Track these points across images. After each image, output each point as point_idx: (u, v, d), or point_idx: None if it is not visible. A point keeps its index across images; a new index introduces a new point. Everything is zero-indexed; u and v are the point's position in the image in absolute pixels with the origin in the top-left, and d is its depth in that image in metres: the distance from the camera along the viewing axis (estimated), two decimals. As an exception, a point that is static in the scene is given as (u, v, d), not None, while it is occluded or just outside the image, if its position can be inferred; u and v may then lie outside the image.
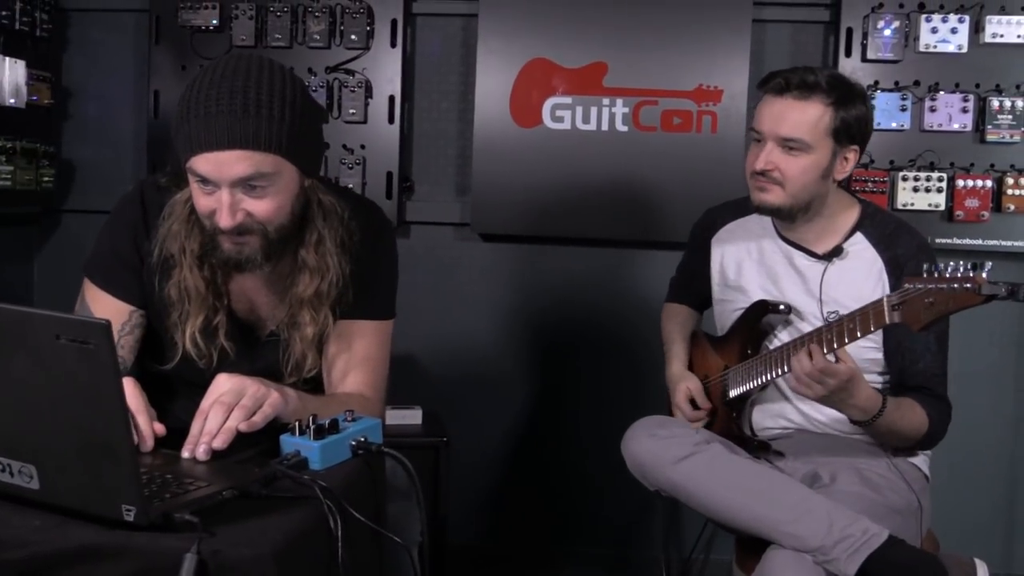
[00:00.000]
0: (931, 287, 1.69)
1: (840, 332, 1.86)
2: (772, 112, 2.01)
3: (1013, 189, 2.90)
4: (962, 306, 1.66)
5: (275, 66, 1.63)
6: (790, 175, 2.01)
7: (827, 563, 1.78)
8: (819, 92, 1.98)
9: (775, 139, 2.01)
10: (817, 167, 2.01)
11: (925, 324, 1.71)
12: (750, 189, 2.09)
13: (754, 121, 2.08)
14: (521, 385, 3.23)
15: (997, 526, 3.12)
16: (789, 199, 2.03)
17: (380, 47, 3.05)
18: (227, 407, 1.48)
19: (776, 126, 2.00)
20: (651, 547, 3.21)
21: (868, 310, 1.83)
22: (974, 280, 1.63)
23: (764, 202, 2.06)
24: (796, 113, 1.99)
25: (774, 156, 2.01)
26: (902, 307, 1.75)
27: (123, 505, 1.15)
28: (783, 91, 2.00)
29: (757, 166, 2.03)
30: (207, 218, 1.64)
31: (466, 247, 3.18)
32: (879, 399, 1.90)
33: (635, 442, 2.02)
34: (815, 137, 1.99)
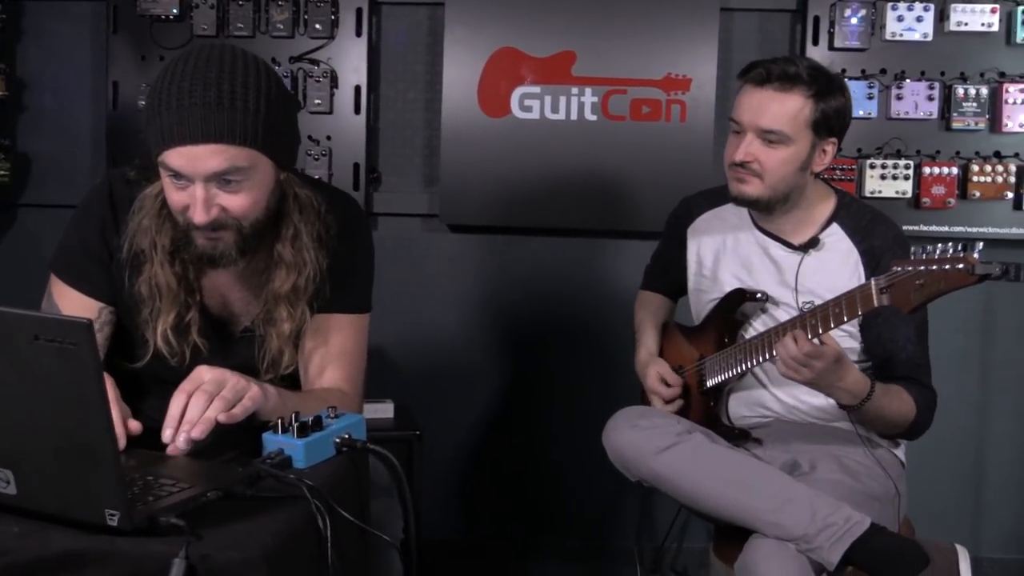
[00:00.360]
0: (921, 269, 1.68)
1: (825, 316, 1.86)
2: (752, 103, 2.00)
3: (978, 176, 2.93)
4: (954, 286, 1.65)
5: (249, 56, 1.59)
6: (769, 167, 2.00)
7: (810, 551, 1.78)
8: (800, 84, 1.97)
9: (755, 130, 1.99)
10: (796, 159, 2.00)
11: (915, 306, 1.71)
12: (728, 180, 2.08)
13: (733, 111, 2.06)
14: (492, 377, 3.21)
15: (965, 510, 3.16)
16: (768, 191, 2.02)
17: (345, 36, 3.00)
18: (208, 396, 1.45)
19: (756, 117, 1.99)
20: (623, 536, 3.21)
21: (855, 293, 1.82)
22: (966, 260, 1.62)
23: (743, 194, 2.05)
24: (776, 105, 1.97)
25: (753, 148, 2.00)
26: (890, 290, 1.75)
27: (106, 509, 1.12)
28: (764, 82, 1.98)
29: (736, 157, 2.01)
30: (180, 213, 1.60)
31: (434, 238, 3.15)
32: (867, 382, 1.90)
33: (616, 433, 2.00)
34: (795, 129, 1.98)
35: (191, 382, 1.48)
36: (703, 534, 3.17)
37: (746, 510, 1.84)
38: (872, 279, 1.79)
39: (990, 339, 3.10)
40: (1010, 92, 2.91)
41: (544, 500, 3.22)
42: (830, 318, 1.85)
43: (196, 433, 1.41)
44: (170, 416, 1.44)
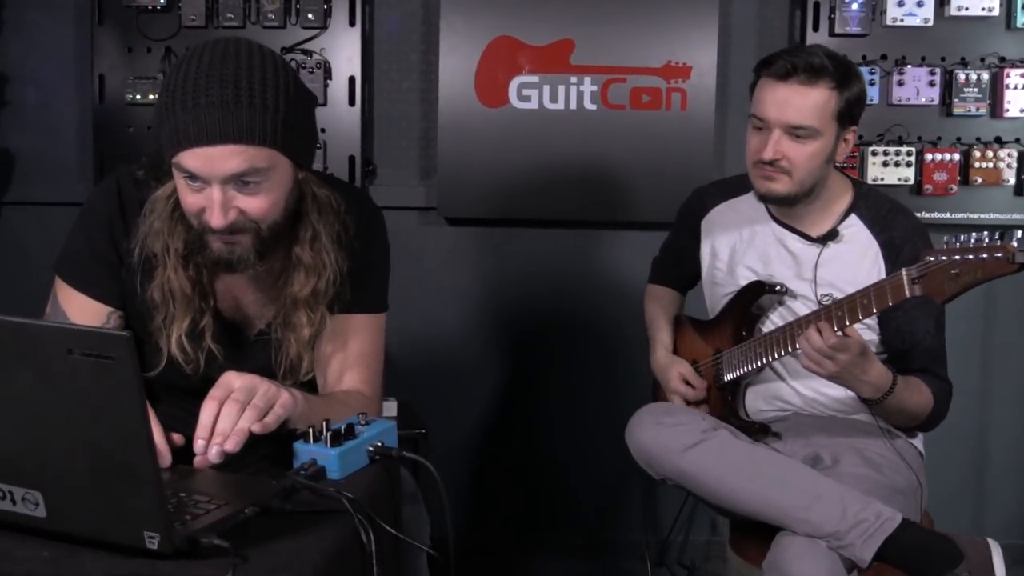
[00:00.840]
0: (956, 258, 1.65)
1: (852, 308, 1.82)
2: (777, 98, 1.95)
3: (980, 162, 2.91)
4: (991, 275, 1.62)
5: (265, 51, 1.52)
6: (798, 163, 1.96)
7: (842, 548, 1.75)
8: (825, 75, 1.92)
9: (782, 127, 1.95)
10: (824, 152, 1.97)
11: (949, 296, 1.68)
12: (753, 177, 2.03)
13: (754, 107, 2.00)
14: (492, 372, 3.16)
15: (966, 496, 3.17)
16: (796, 187, 1.99)
17: (338, 26, 2.93)
18: (240, 405, 1.38)
19: (783, 113, 1.94)
20: (627, 530, 3.18)
21: (884, 284, 1.79)
22: (1005, 248, 1.59)
23: (772, 191, 2.00)
24: (803, 99, 1.93)
25: (782, 145, 1.95)
26: (923, 280, 1.71)
27: (145, 532, 1.06)
28: (788, 76, 1.93)
29: (766, 156, 1.96)
30: (195, 216, 1.53)
31: (432, 232, 3.09)
32: (890, 375, 1.87)
33: (641, 431, 1.96)
34: (823, 123, 1.94)
35: (221, 389, 1.41)
36: (707, 526, 3.16)
37: (776, 507, 1.81)
38: (903, 269, 1.75)
39: (991, 325, 3.09)
40: (1011, 77, 2.89)
41: (547, 495, 3.18)
42: (857, 309, 1.81)
43: (230, 446, 1.34)
44: (201, 425, 1.37)
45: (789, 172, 1.97)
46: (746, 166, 2.06)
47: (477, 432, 3.17)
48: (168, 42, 2.91)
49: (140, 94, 2.90)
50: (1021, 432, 3.15)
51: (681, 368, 2.21)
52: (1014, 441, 3.15)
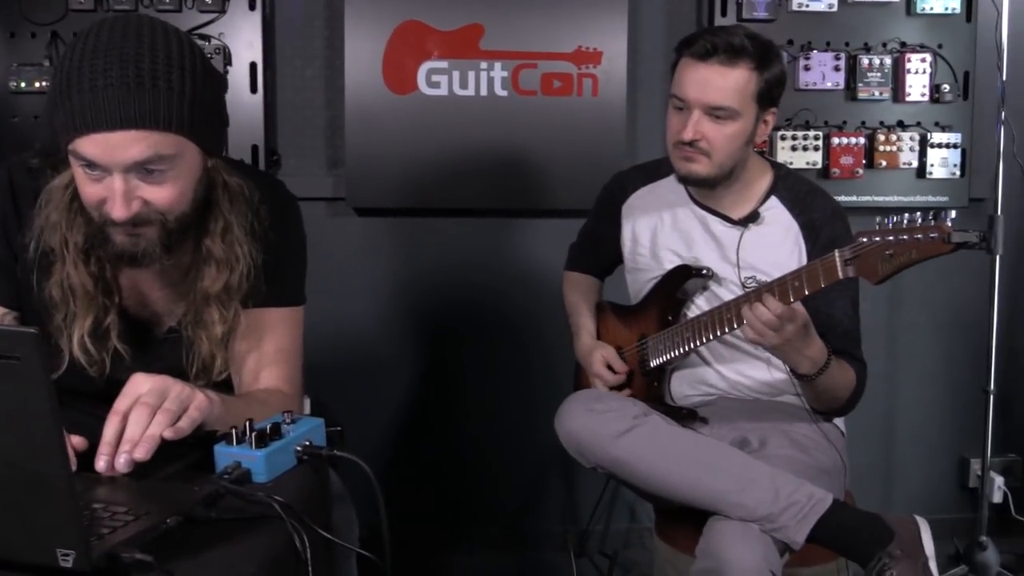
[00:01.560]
0: (890, 239, 1.65)
1: (784, 290, 1.81)
2: (697, 79, 1.93)
3: (884, 145, 2.97)
4: (926, 256, 1.62)
5: (170, 29, 1.41)
6: (717, 144, 1.95)
7: (775, 531, 1.75)
8: (745, 56, 1.91)
9: (701, 107, 1.93)
10: (743, 133, 1.96)
11: (884, 276, 1.68)
12: (673, 159, 2.01)
13: (675, 87, 1.98)
14: (406, 366, 3.09)
15: (875, 475, 3.23)
16: (716, 168, 1.97)
17: (237, 10, 2.80)
18: (149, 410, 1.28)
19: (703, 94, 1.92)
20: (547, 521, 3.15)
21: (817, 265, 1.78)
22: (940, 228, 1.60)
23: (692, 172, 1.98)
24: (723, 79, 1.91)
25: (701, 125, 1.94)
26: (856, 261, 1.71)
27: (58, 549, 0.96)
28: (708, 56, 1.91)
29: (685, 136, 1.94)
30: (95, 208, 1.42)
31: (340, 223, 2.99)
32: (826, 350, 1.87)
33: (571, 418, 1.91)
34: (743, 103, 1.93)
35: (127, 397, 1.30)
36: (627, 515, 3.15)
37: (709, 492, 1.79)
38: (836, 250, 1.75)
39: (895, 306, 3.16)
40: (911, 61, 2.95)
41: (466, 489, 3.12)
42: (789, 292, 1.80)
43: (139, 454, 1.24)
44: (104, 442, 1.26)
45: (708, 153, 1.95)
46: (666, 147, 2.04)
47: (393, 428, 3.09)
48: (54, 26, 2.74)
49: (25, 82, 2.72)
50: (926, 410, 3.23)
51: (604, 352, 2.18)
52: (920, 419, 3.23)
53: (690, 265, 2.06)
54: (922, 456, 3.25)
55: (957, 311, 3.17)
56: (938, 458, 3.26)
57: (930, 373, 3.21)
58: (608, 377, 2.15)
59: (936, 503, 3.21)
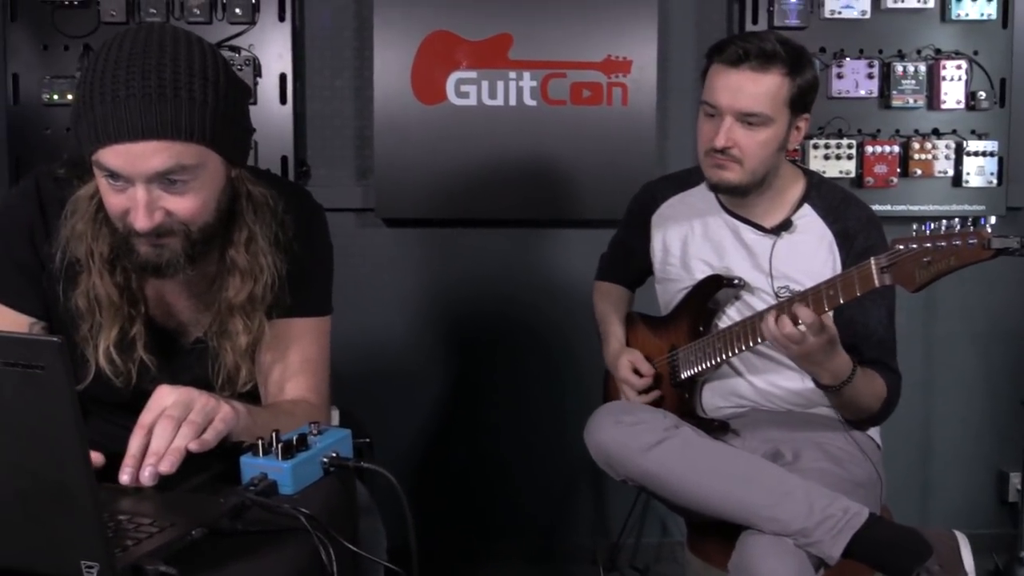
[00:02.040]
0: (927, 246, 1.62)
1: (818, 299, 1.78)
2: (729, 85, 1.90)
3: (919, 154, 2.92)
4: (965, 263, 1.59)
5: (193, 39, 1.40)
6: (750, 151, 1.92)
7: (809, 546, 1.71)
8: (778, 61, 1.89)
9: (734, 113, 1.90)
10: (776, 140, 1.93)
11: (922, 284, 1.65)
12: (704, 167, 1.99)
13: (706, 93, 1.96)
14: (435, 377, 3.07)
15: (912, 489, 3.17)
16: (748, 175, 1.95)
17: (267, 21, 2.81)
18: (174, 422, 1.27)
19: (735, 100, 1.90)
20: (577, 535, 3.12)
21: (852, 274, 1.75)
22: (979, 234, 1.56)
23: (724, 180, 1.96)
24: (755, 85, 1.89)
25: (734, 132, 1.91)
26: (892, 269, 1.68)
27: (83, 561, 0.95)
28: (740, 62, 1.89)
29: (718, 143, 1.91)
30: (119, 219, 1.41)
31: (370, 234, 2.98)
32: (850, 365, 1.84)
33: (600, 431, 1.89)
34: (775, 109, 1.91)
35: (151, 411, 1.29)
36: (658, 528, 3.11)
37: (741, 506, 1.76)
38: (872, 258, 1.71)
39: (932, 316, 3.10)
40: (947, 68, 2.90)
41: (495, 502, 3.10)
42: (823, 300, 1.77)
43: (164, 467, 1.23)
44: (129, 455, 1.25)
45: (740, 160, 1.93)
46: (697, 155, 2.01)
47: (422, 440, 3.07)
48: (86, 39, 2.76)
49: (57, 94, 2.74)
50: (964, 422, 3.17)
51: (631, 356, 2.15)
52: (958, 432, 3.17)
53: (721, 275, 2.03)
54: (960, 469, 3.19)
55: (995, 320, 3.11)
56: (976, 471, 3.19)
57: (968, 384, 3.15)
58: (635, 381, 2.12)
59: (975, 518, 3.14)
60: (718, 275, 2.04)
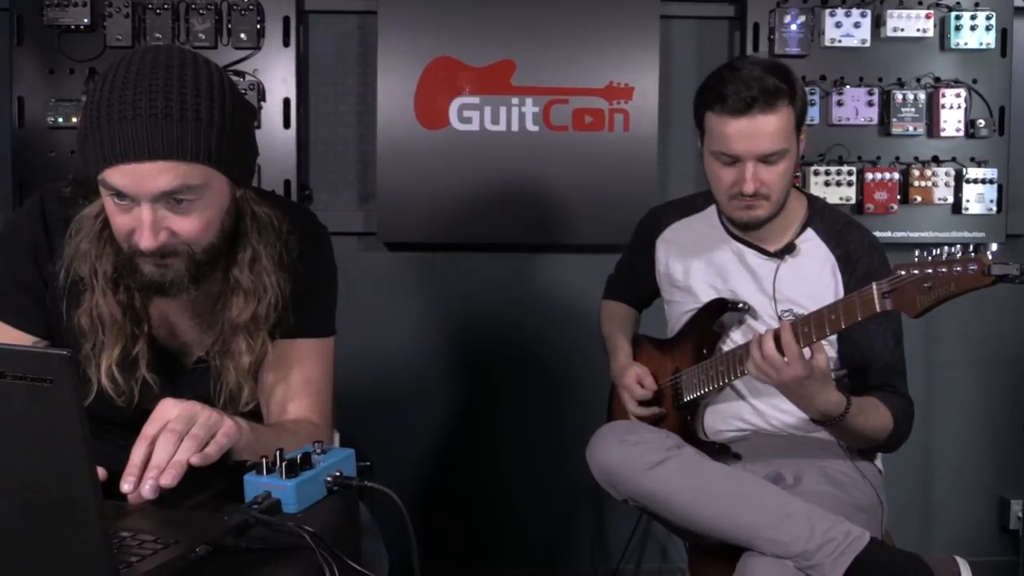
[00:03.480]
0: (928, 272, 1.63)
1: (820, 323, 1.79)
2: (744, 133, 1.89)
3: (919, 180, 2.94)
4: (965, 289, 1.60)
5: (200, 60, 1.42)
6: (775, 185, 1.94)
7: (810, 569, 1.71)
8: (782, 95, 1.89)
9: (754, 158, 1.91)
10: (793, 164, 1.96)
11: (923, 309, 1.65)
12: (730, 209, 1.99)
13: (717, 144, 1.93)
14: (436, 402, 3.07)
15: (912, 515, 3.17)
16: (775, 207, 1.97)
17: (272, 46, 2.84)
18: (177, 436, 1.28)
19: (753, 146, 1.89)
20: (576, 561, 3.11)
21: (854, 298, 1.76)
22: (979, 261, 1.57)
23: (755, 218, 1.97)
24: (769, 126, 1.89)
25: (760, 174, 1.92)
26: (893, 294, 1.69)
27: (88, 576, 0.95)
28: (748, 108, 1.88)
29: (747, 189, 1.91)
30: (124, 239, 1.42)
31: (371, 257, 3.00)
32: (842, 403, 1.83)
33: (603, 450, 1.89)
34: (789, 139, 1.93)
35: (155, 423, 1.30)
36: (658, 554, 3.10)
37: (743, 527, 1.75)
38: (874, 283, 1.72)
39: (932, 343, 3.11)
40: (946, 96, 2.93)
41: (494, 527, 3.09)
42: (825, 325, 1.78)
43: (166, 480, 1.23)
44: (131, 465, 1.25)
45: (768, 196, 1.94)
46: (717, 199, 2.02)
47: (422, 464, 3.07)
48: (92, 63, 2.79)
49: (62, 117, 2.76)
50: (965, 450, 3.17)
51: (639, 369, 2.15)
52: (958, 458, 3.17)
53: (726, 299, 2.04)
54: (960, 497, 3.18)
55: (995, 347, 3.12)
56: (977, 499, 3.18)
57: (968, 411, 3.15)
58: (636, 390, 2.12)
59: (976, 545, 3.13)
60: (723, 299, 2.04)
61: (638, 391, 2.13)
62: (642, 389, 2.13)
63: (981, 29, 2.91)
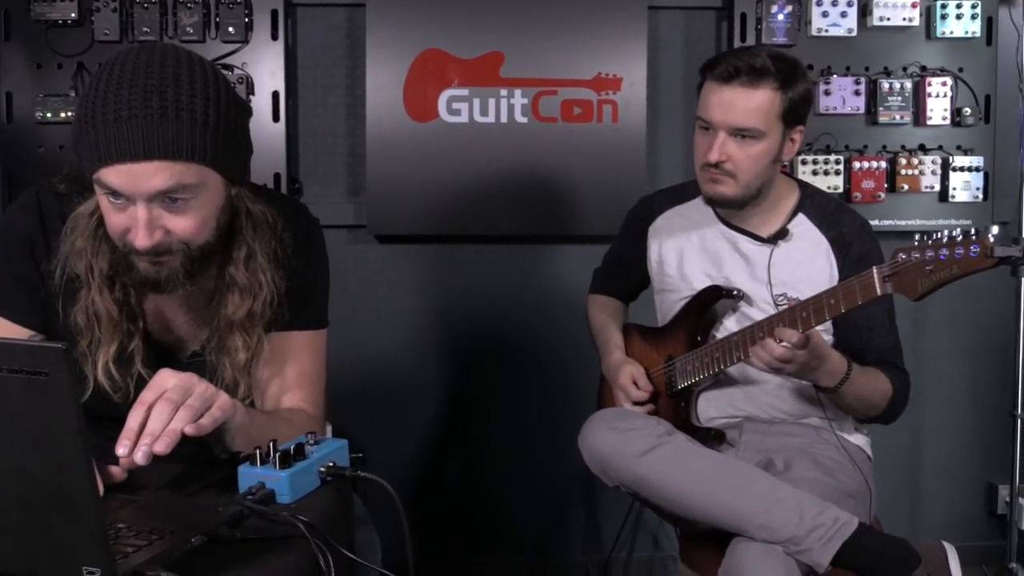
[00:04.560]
0: (929, 255, 1.64)
1: (818, 308, 1.80)
2: (722, 101, 1.93)
3: (905, 169, 2.96)
4: (967, 271, 1.62)
5: (194, 58, 1.42)
6: (743, 165, 1.95)
7: (799, 554, 1.72)
8: (768, 77, 1.91)
9: (727, 129, 1.93)
10: (769, 153, 1.96)
11: (924, 292, 1.67)
12: (700, 181, 2.02)
13: (700, 109, 1.98)
14: (427, 394, 3.08)
15: (901, 501, 3.19)
16: (742, 189, 1.98)
17: (260, 40, 2.84)
18: (173, 405, 1.28)
19: (727, 116, 1.93)
20: (568, 551, 3.12)
21: (854, 283, 1.77)
22: (981, 243, 1.58)
23: (718, 194, 1.99)
24: (747, 101, 1.92)
25: (727, 147, 1.94)
26: (894, 278, 1.70)
27: (84, 567, 0.96)
28: (731, 78, 1.91)
29: (711, 158, 1.94)
30: (119, 237, 1.43)
31: (362, 250, 3.00)
32: (844, 361, 1.86)
33: (594, 437, 1.90)
34: (767, 123, 1.93)
35: (152, 390, 1.30)
36: (649, 543, 3.12)
37: (733, 512, 1.77)
38: (874, 267, 1.74)
39: (920, 329, 3.13)
40: (932, 85, 2.95)
41: (486, 517, 3.10)
42: (824, 310, 1.79)
43: (160, 447, 1.23)
44: (127, 429, 1.25)
45: (734, 174, 1.96)
46: (694, 169, 2.04)
47: (414, 455, 3.08)
48: (80, 58, 2.78)
49: (51, 112, 2.76)
50: (952, 436, 3.19)
51: (634, 369, 2.16)
52: (946, 444, 3.19)
53: (721, 286, 2.05)
54: (948, 482, 3.21)
55: (983, 334, 3.14)
56: (965, 484, 3.21)
57: (956, 398, 3.18)
58: (632, 391, 2.13)
59: (963, 530, 3.16)
60: (717, 286, 2.06)
61: (633, 392, 2.13)
62: (637, 390, 2.13)
63: (967, 18, 2.93)
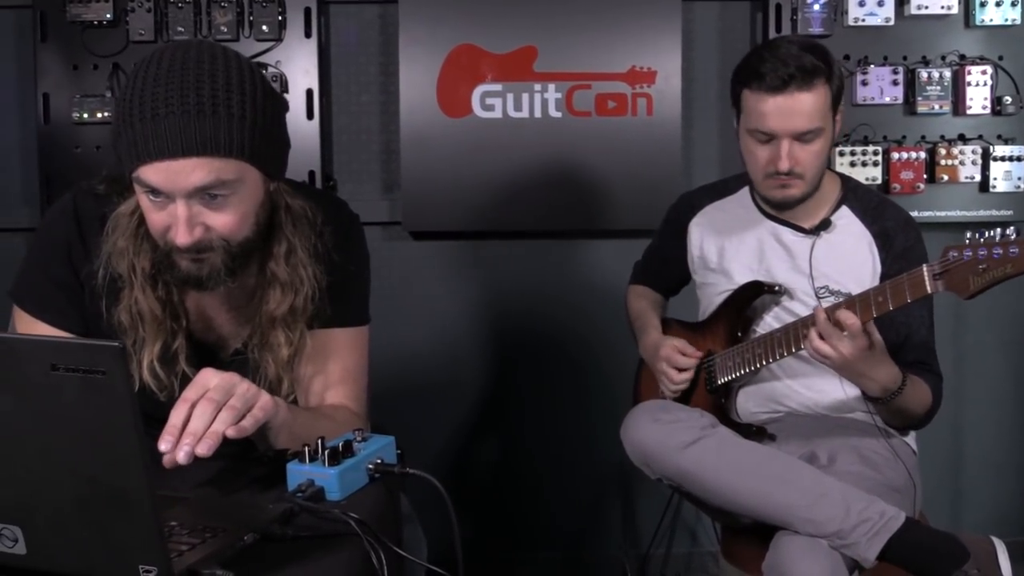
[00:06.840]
0: (983, 253, 1.62)
1: (866, 305, 1.78)
2: (780, 110, 1.90)
3: (945, 159, 2.91)
4: (1021, 271, 1.60)
5: (230, 54, 1.42)
6: (810, 164, 1.94)
7: (845, 548, 1.70)
8: (819, 74, 1.90)
9: (789, 135, 1.91)
10: (828, 144, 1.97)
11: (976, 291, 1.65)
12: (765, 188, 2.00)
13: (754, 122, 1.94)
14: (464, 389, 3.08)
15: (944, 496, 3.15)
16: (809, 187, 1.98)
17: (293, 38, 2.84)
18: (215, 405, 1.27)
19: (789, 123, 1.90)
20: (607, 546, 3.11)
21: (903, 280, 1.74)
22: None
23: (790, 197, 1.98)
24: (805, 104, 1.89)
25: (794, 153, 1.92)
26: (945, 275, 1.68)
27: (140, 565, 0.96)
28: (785, 86, 1.88)
29: (782, 167, 1.92)
30: (160, 235, 1.43)
31: (397, 247, 3.00)
32: (900, 375, 1.83)
33: (637, 429, 1.88)
34: (825, 119, 1.93)
35: (195, 388, 1.29)
36: (688, 538, 3.10)
37: (778, 506, 1.75)
38: (924, 265, 1.72)
39: (961, 325, 3.09)
40: (971, 74, 2.90)
41: (523, 514, 3.10)
42: (871, 306, 1.77)
43: (202, 449, 1.22)
44: (170, 425, 1.25)
45: (802, 175, 1.95)
46: (752, 177, 2.02)
47: (450, 452, 3.08)
48: (116, 58, 2.80)
49: (87, 113, 2.77)
50: (995, 430, 3.15)
51: (675, 341, 2.12)
52: (988, 439, 3.15)
53: (762, 281, 2.03)
54: (992, 477, 3.17)
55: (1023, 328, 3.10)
56: (1009, 479, 3.17)
57: (999, 392, 3.13)
58: (678, 359, 2.09)
59: (1008, 525, 3.11)
60: (758, 281, 2.04)
61: (680, 359, 2.10)
62: (684, 357, 2.10)
63: (1006, 5, 2.88)
